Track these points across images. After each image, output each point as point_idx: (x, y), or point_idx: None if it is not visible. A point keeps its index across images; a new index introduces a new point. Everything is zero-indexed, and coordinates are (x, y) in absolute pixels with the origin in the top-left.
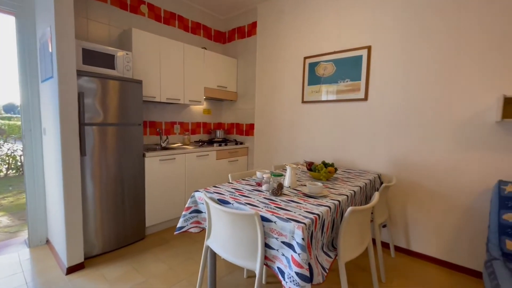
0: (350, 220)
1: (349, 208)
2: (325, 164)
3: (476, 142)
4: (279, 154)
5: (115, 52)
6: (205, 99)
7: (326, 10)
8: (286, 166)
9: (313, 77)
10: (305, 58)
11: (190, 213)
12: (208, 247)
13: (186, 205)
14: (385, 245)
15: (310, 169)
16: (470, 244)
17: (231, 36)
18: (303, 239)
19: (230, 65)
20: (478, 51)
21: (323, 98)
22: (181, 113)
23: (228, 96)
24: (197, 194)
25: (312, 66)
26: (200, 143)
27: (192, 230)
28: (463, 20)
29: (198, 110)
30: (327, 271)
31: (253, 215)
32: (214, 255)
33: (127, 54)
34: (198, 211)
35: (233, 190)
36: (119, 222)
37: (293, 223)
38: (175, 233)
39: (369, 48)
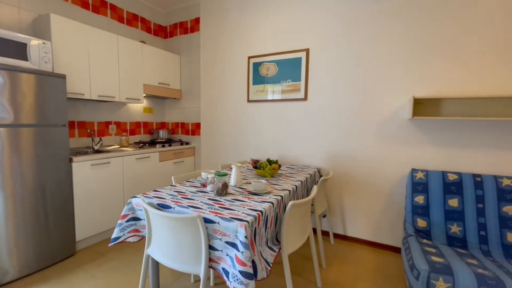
0: (291, 214)
1: (290, 203)
2: (270, 162)
3: (394, 137)
4: (227, 153)
5: (27, 41)
6: (145, 97)
7: (268, 11)
8: (232, 165)
9: (258, 77)
10: (250, 57)
11: (127, 221)
12: (148, 256)
13: (122, 213)
14: (326, 234)
15: (255, 167)
16: (392, 224)
17: (173, 31)
18: (246, 237)
19: (172, 61)
20: (395, 60)
21: (268, 97)
22: (118, 112)
23: (172, 94)
24: (134, 200)
25: (256, 66)
26: (141, 144)
27: (130, 239)
28: (383, 34)
29: (138, 108)
30: (271, 265)
31: (195, 218)
32: (156, 263)
33: (44, 43)
34: (136, 219)
35: (175, 193)
36: (42, 239)
37: (236, 222)
38: (109, 245)
39: (307, 51)
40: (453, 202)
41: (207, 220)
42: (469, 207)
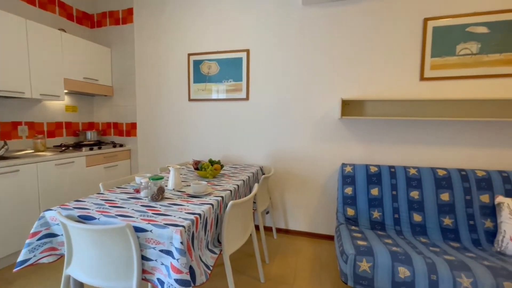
0: (231, 214)
1: (230, 203)
2: (212, 162)
3: (327, 135)
4: (168, 155)
5: None
6: (67, 93)
7: (209, 9)
8: (170, 168)
9: (199, 75)
10: (190, 54)
11: (38, 239)
12: (69, 277)
13: (32, 230)
14: (269, 229)
15: (197, 168)
16: (327, 215)
17: (101, 20)
18: (181, 243)
19: (101, 54)
20: (328, 63)
21: (210, 96)
22: (30, 110)
23: (101, 90)
24: (48, 214)
25: (197, 63)
26: (63, 148)
27: (44, 260)
28: (317, 39)
29: (58, 107)
30: (211, 268)
31: (123, 228)
32: (80, 285)
33: None
34: (52, 235)
35: (102, 202)
36: None
37: (170, 228)
38: (14, 270)
39: (247, 52)
40: (374, 191)
41: (138, 229)
42: (386, 194)
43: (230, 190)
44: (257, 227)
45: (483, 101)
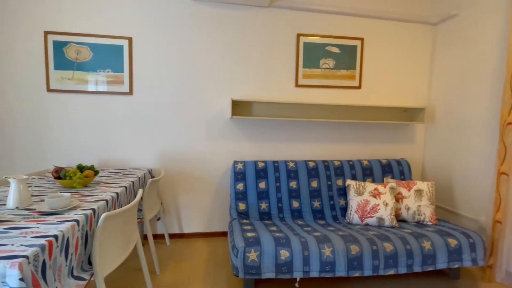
0: (106, 228)
1: (103, 216)
2: (81, 168)
3: (220, 134)
4: (17, 162)
5: None
6: None
7: None
8: (9, 180)
9: (62, 60)
10: (47, 33)
11: None
12: None
13: None
14: (161, 236)
15: (58, 177)
16: (223, 213)
17: None
18: (21, 279)
19: None
20: (219, 63)
21: (81, 87)
22: None
23: None
24: None
25: (59, 46)
26: None
27: None
28: (208, 39)
29: None
30: None
31: None
32: None
33: None
34: None
35: None
36: None
37: (3, 262)
38: None
39: (130, 40)
40: (262, 185)
41: None
42: (271, 186)
43: (106, 200)
44: (146, 237)
45: (338, 106)
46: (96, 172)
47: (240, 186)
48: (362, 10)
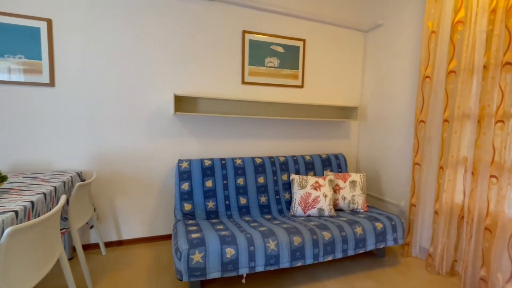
0: (12, 245)
1: (7, 230)
2: None
3: (163, 131)
4: None
5: None
6: None
7: None
8: None
9: None
10: None
11: None
12: None
13: None
14: (96, 246)
15: None
16: (166, 214)
17: None
18: None
19: None
20: (161, 57)
21: None
22: None
23: None
24: None
25: None
26: None
27: None
28: (150, 30)
29: None
30: None
31: None
32: None
33: None
34: None
35: None
36: None
37: None
38: None
39: (49, 22)
40: (209, 183)
41: None
42: (218, 184)
43: (16, 211)
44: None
45: (283, 104)
46: (4, 178)
47: (185, 185)
48: (305, 12)
